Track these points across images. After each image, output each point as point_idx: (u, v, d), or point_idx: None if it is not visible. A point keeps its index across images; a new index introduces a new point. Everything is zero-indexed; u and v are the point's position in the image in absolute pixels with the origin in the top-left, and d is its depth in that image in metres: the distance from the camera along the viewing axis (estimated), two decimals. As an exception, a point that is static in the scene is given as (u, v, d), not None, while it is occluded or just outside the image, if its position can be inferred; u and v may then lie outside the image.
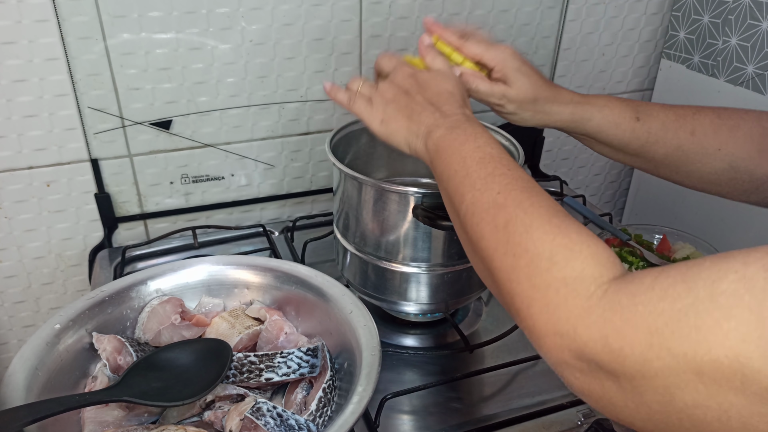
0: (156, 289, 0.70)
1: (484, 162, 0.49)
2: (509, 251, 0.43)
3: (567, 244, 0.41)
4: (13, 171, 0.86)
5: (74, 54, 0.81)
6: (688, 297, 0.31)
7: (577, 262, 0.39)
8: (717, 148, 0.63)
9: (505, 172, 0.48)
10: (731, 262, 0.31)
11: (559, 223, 0.42)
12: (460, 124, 0.54)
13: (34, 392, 0.55)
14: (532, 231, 0.42)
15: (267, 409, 0.55)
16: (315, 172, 1.03)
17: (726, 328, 0.29)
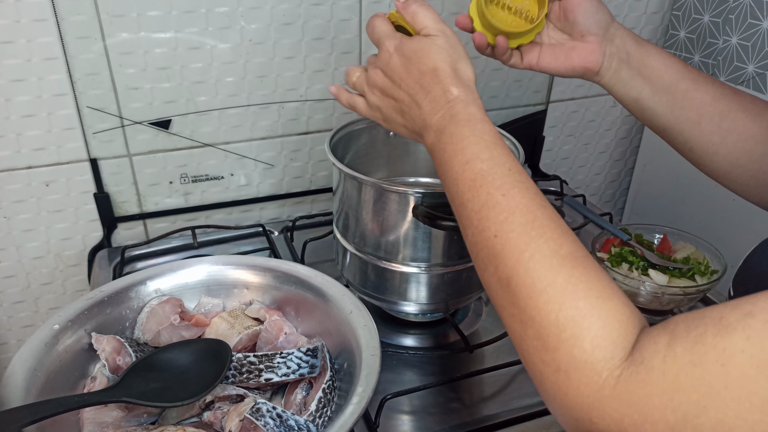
0: (155, 290, 0.70)
1: (476, 186, 0.45)
2: (516, 315, 0.41)
3: (575, 318, 0.37)
4: (12, 171, 0.85)
5: (73, 53, 0.81)
6: (702, 386, 0.30)
7: (587, 342, 0.36)
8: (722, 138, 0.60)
9: (499, 200, 0.43)
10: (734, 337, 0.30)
11: (565, 283, 0.39)
12: (446, 126, 0.49)
13: (33, 393, 0.55)
14: (536, 296, 0.39)
15: (266, 409, 0.55)
16: (314, 172, 1.03)
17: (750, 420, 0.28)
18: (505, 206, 0.43)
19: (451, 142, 0.48)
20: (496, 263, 0.42)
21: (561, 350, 0.37)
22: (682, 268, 0.76)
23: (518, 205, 0.43)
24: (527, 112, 1.13)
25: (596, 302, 0.38)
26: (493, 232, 0.43)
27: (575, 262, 0.40)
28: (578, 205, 1.02)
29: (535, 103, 1.13)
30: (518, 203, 0.43)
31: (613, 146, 1.27)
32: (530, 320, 0.39)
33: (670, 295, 0.74)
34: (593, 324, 0.37)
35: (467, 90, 0.51)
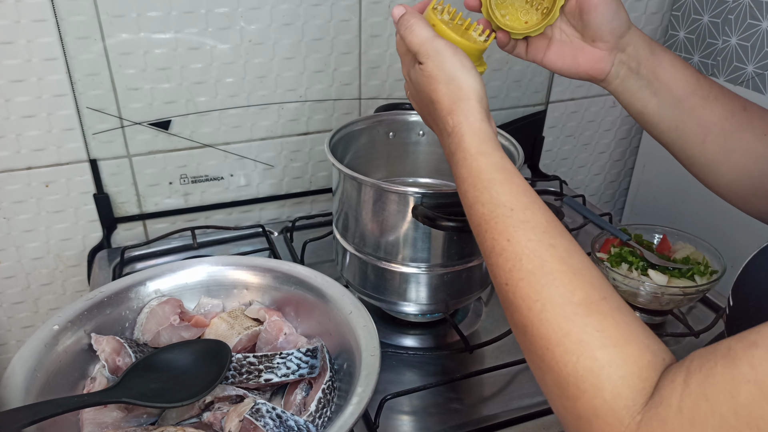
0: (155, 290, 0.70)
1: (481, 232, 0.45)
2: (535, 362, 0.40)
3: (593, 369, 0.37)
4: (12, 171, 0.85)
5: (73, 54, 0.81)
6: (713, 417, 0.31)
7: (607, 392, 0.36)
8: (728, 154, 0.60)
9: (505, 246, 0.42)
10: (740, 367, 0.30)
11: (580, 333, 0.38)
12: (451, 163, 0.49)
13: (33, 393, 0.55)
14: (552, 347, 0.39)
15: (266, 410, 0.55)
16: (314, 172, 1.03)
17: None
18: (511, 253, 0.42)
19: (456, 183, 0.48)
20: (512, 310, 0.42)
21: (582, 399, 0.37)
22: (682, 268, 0.76)
23: (524, 250, 0.42)
24: (527, 112, 1.13)
25: (614, 351, 0.37)
26: (504, 280, 0.42)
27: (589, 309, 0.39)
28: (577, 205, 1.02)
29: (535, 103, 1.13)
30: (524, 248, 0.42)
31: (612, 146, 1.27)
32: (549, 369, 0.39)
33: (670, 295, 0.74)
34: (612, 374, 0.36)
35: (462, 116, 0.48)
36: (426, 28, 0.51)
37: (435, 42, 0.50)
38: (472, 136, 0.47)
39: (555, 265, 0.41)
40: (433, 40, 0.51)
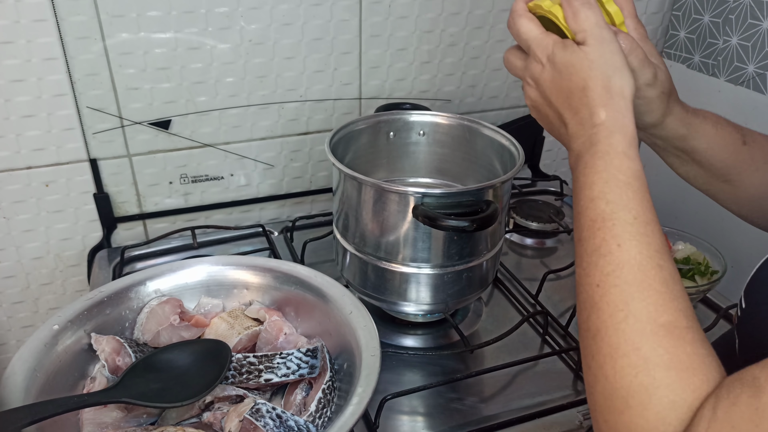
0: (155, 290, 0.69)
1: (594, 229, 0.43)
2: (592, 367, 0.40)
3: (648, 387, 0.36)
4: (12, 171, 0.85)
5: (72, 54, 0.81)
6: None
7: (652, 413, 0.36)
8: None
9: (613, 250, 0.41)
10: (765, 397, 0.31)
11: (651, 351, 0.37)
12: (584, 154, 0.46)
13: (33, 393, 0.55)
14: (617, 357, 0.38)
15: (266, 410, 0.55)
16: (314, 172, 1.03)
17: None
18: (617, 257, 0.41)
19: (584, 173, 0.45)
20: (590, 312, 0.41)
21: (625, 415, 0.37)
22: (682, 269, 0.76)
23: (630, 260, 0.41)
24: (527, 112, 1.13)
25: (676, 375, 0.36)
26: (597, 281, 0.41)
27: (671, 333, 0.38)
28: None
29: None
30: (631, 258, 0.41)
31: (613, 146, 1.26)
32: (604, 378, 0.38)
33: None
34: (664, 398, 0.36)
35: (617, 112, 0.46)
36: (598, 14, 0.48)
37: (604, 30, 0.48)
38: (624, 135, 0.45)
39: (654, 285, 0.40)
40: (603, 27, 0.48)
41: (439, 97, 1.05)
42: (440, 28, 0.98)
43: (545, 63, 0.49)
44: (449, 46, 1.00)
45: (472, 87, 1.06)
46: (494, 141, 0.77)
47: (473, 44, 1.02)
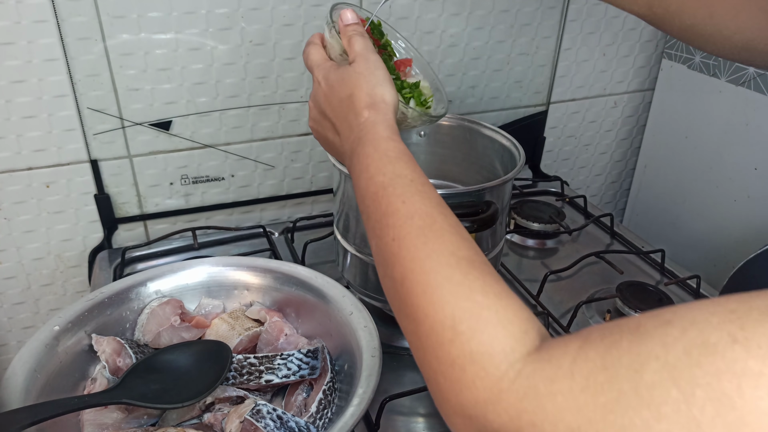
0: (155, 291, 0.70)
1: (377, 198, 0.45)
2: (410, 314, 0.39)
3: (472, 310, 0.36)
4: (13, 172, 0.85)
5: (73, 54, 0.81)
6: (611, 390, 0.28)
7: (485, 334, 0.34)
8: (734, 32, 0.61)
9: (399, 207, 0.43)
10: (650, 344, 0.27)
11: (461, 278, 0.37)
12: (355, 149, 0.50)
13: (33, 394, 0.55)
14: (431, 292, 0.37)
15: (267, 411, 0.55)
16: (315, 173, 1.03)
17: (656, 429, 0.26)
18: (404, 212, 0.43)
19: (358, 163, 0.49)
20: (393, 264, 0.41)
21: (456, 342, 0.35)
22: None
23: (417, 210, 0.42)
24: (528, 113, 1.13)
25: (494, 299, 0.36)
26: (392, 236, 0.42)
27: (473, 265, 0.39)
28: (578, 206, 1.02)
29: (536, 104, 1.13)
30: (417, 209, 0.43)
31: (613, 147, 1.26)
32: (425, 316, 0.37)
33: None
34: (491, 317, 0.35)
35: (378, 112, 0.51)
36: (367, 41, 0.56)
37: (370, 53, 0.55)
38: (386, 125, 0.50)
39: (445, 226, 0.41)
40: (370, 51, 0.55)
41: (440, 97, 1.05)
42: (440, 29, 0.98)
43: (321, 81, 0.56)
44: (450, 47, 1.00)
45: (473, 88, 1.06)
46: (495, 141, 0.77)
47: (474, 45, 1.02)
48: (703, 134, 1.08)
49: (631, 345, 0.28)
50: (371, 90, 0.52)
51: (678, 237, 1.16)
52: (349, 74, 0.54)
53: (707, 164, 1.08)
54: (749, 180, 1.01)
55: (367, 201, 0.46)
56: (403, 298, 0.40)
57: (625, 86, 1.19)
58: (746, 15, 0.60)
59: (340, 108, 0.54)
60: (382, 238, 0.43)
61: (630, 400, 0.27)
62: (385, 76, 0.54)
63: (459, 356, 0.35)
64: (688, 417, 0.25)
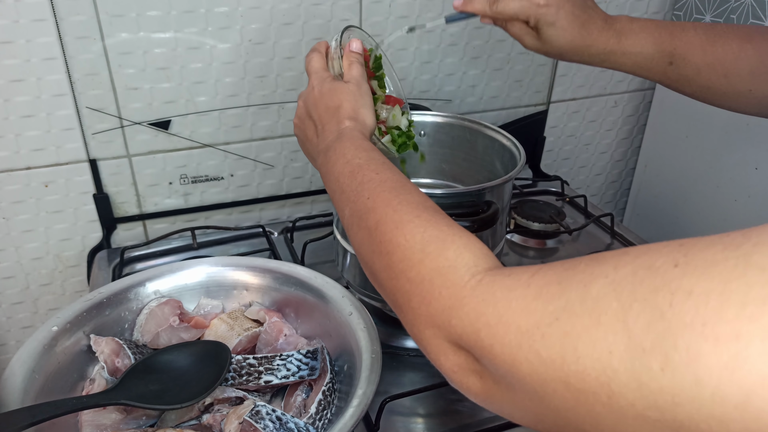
0: (154, 291, 0.69)
1: (354, 174, 0.50)
2: (383, 250, 0.43)
3: (438, 235, 0.41)
4: (11, 171, 0.85)
5: (72, 53, 0.81)
6: (560, 299, 0.30)
7: (450, 251, 0.39)
8: (749, 89, 0.62)
9: (373, 177, 0.49)
10: (604, 265, 0.30)
11: (429, 217, 0.43)
12: (332, 144, 0.56)
13: (31, 395, 0.55)
14: (402, 226, 0.43)
15: (266, 412, 0.54)
16: (314, 173, 1.03)
17: (594, 336, 0.28)
18: (378, 180, 0.48)
19: (335, 154, 0.54)
20: (368, 216, 0.46)
21: (426, 261, 0.40)
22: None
23: (390, 178, 0.48)
24: (528, 112, 1.13)
25: (459, 230, 0.41)
26: (366, 195, 0.47)
27: (439, 212, 0.44)
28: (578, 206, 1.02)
29: (536, 103, 1.13)
30: (389, 177, 0.48)
31: (614, 146, 1.26)
32: (396, 246, 0.42)
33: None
34: (457, 240, 0.40)
35: (358, 124, 0.58)
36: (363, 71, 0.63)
37: (363, 82, 0.62)
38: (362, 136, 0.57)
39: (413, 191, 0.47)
40: (363, 79, 0.63)
41: (440, 97, 1.05)
42: (440, 28, 0.98)
43: (315, 87, 0.62)
44: (450, 46, 1.00)
45: (473, 87, 1.06)
46: (495, 141, 0.77)
47: (474, 44, 1.02)
48: (703, 134, 1.08)
49: (587, 266, 0.31)
50: (357, 108, 0.59)
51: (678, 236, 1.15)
52: (342, 89, 0.60)
53: (708, 164, 1.08)
54: (750, 180, 1.01)
55: (342, 179, 0.51)
56: (376, 240, 0.44)
57: (625, 85, 1.19)
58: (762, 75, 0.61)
59: (326, 114, 0.60)
60: (357, 201, 0.48)
61: (575, 308, 0.29)
62: (371, 103, 0.61)
63: (428, 272, 0.39)
64: (622, 326, 0.27)
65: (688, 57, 0.64)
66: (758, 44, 0.61)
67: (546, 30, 0.65)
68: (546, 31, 0.66)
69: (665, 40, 0.65)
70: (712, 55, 0.63)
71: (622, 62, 0.67)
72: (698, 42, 0.64)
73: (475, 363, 0.36)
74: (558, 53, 0.67)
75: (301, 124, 0.64)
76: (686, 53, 0.64)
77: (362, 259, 0.48)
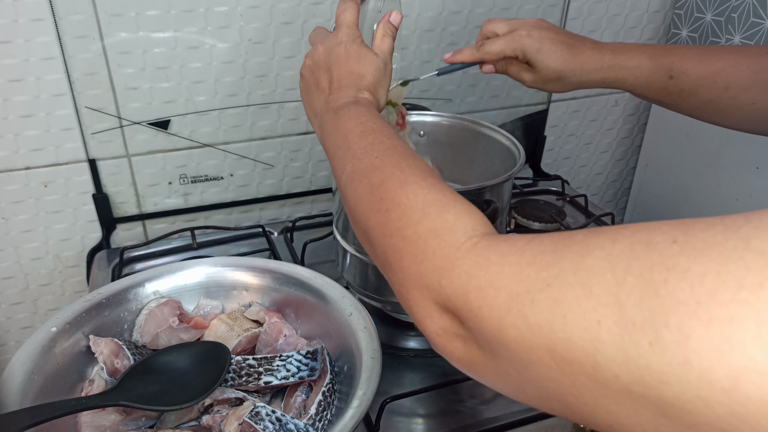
0: (154, 291, 0.69)
1: (365, 134, 0.50)
2: (383, 207, 0.43)
3: (441, 199, 0.40)
4: (10, 171, 0.85)
5: (71, 53, 0.81)
6: (554, 267, 0.30)
7: (450, 215, 0.39)
8: (751, 103, 0.62)
9: (384, 140, 0.48)
10: (601, 238, 0.29)
11: (435, 182, 0.42)
12: (346, 107, 0.54)
13: (30, 396, 0.54)
14: (407, 186, 0.42)
15: (266, 413, 0.54)
16: (314, 172, 1.03)
17: (585, 306, 0.27)
18: (389, 144, 0.48)
19: (347, 114, 0.53)
20: (373, 173, 0.45)
21: (424, 221, 0.39)
22: None
23: (400, 146, 0.48)
24: (528, 111, 1.13)
25: (461, 198, 0.41)
26: (375, 155, 0.47)
27: (444, 183, 0.44)
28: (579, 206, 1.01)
29: (537, 102, 1.13)
30: (400, 145, 0.48)
31: (614, 146, 1.26)
32: (397, 206, 0.41)
33: None
34: (458, 205, 0.40)
35: (374, 100, 0.57)
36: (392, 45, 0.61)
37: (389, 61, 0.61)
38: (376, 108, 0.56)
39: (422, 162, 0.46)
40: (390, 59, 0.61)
41: (440, 96, 1.04)
42: (441, 27, 0.98)
43: (344, 43, 0.59)
44: (450, 45, 1.00)
45: (473, 86, 1.06)
46: (495, 141, 0.77)
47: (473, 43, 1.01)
48: (704, 133, 1.08)
49: (584, 237, 0.30)
50: (378, 86, 0.58)
51: (679, 236, 1.16)
52: (370, 60, 0.58)
53: (708, 163, 1.08)
54: (751, 179, 1.00)
55: (351, 136, 0.50)
56: (377, 196, 0.44)
57: (626, 85, 1.18)
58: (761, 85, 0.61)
59: (348, 77, 0.57)
60: (363, 159, 0.47)
61: (568, 277, 0.29)
62: (388, 86, 0.60)
63: (424, 232, 0.39)
64: (615, 299, 0.26)
65: (686, 69, 0.64)
66: (754, 56, 0.62)
67: (535, 57, 0.67)
68: (536, 58, 0.67)
69: (661, 54, 0.66)
70: (709, 67, 0.63)
71: (622, 77, 0.67)
72: (693, 55, 0.65)
73: (460, 327, 0.36)
74: (556, 77, 0.68)
75: (316, 72, 0.60)
76: (684, 66, 0.64)
77: (356, 216, 0.47)
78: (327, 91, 0.58)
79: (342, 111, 0.54)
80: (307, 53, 0.61)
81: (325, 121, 0.56)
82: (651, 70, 0.66)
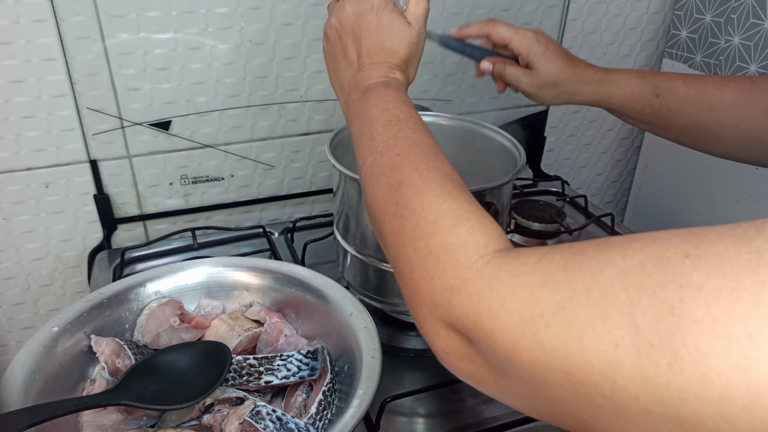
0: (155, 291, 0.69)
1: (390, 124, 0.48)
2: (398, 213, 0.42)
3: (455, 210, 0.40)
4: (11, 172, 0.85)
5: (72, 54, 0.81)
6: (567, 288, 0.29)
7: (463, 230, 0.38)
8: (735, 124, 0.63)
9: (409, 135, 0.47)
10: (611, 254, 0.29)
11: (452, 189, 0.42)
12: (375, 88, 0.52)
13: (32, 396, 0.55)
14: (423, 193, 0.41)
15: (266, 412, 0.54)
16: (315, 173, 1.03)
17: (600, 329, 0.27)
18: (413, 139, 0.46)
19: (376, 97, 0.51)
20: (392, 172, 0.44)
21: (436, 235, 0.38)
22: None
23: (424, 142, 0.46)
24: (528, 112, 1.13)
25: (477, 209, 0.40)
26: (396, 152, 0.46)
27: (464, 188, 0.43)
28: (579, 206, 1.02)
29: (537, 103, 1.13)
30: (425, 141, 0.47)
31: (614, 146, 1.26)
32: (411, 214, 0.41)
33: None
34: (472, 219, 0.39)
35: (405, 79, 0.55)
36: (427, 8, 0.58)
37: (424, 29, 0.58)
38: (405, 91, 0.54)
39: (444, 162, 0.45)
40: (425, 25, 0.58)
41: (440, 97, 1.04)
42: (440, 28, 0.98)
43: (375, 8, 0.55)
44: (450, 46, 1.00)
45: (473, 87, 1.06)
46: (495, 142, 0.77)
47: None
48: (704, 134, 1.08)
49: (595, 253, 0.30)
50: (410, 62, 0.56)
51: (679, 237, 1.16)
52: (404, 32, 0.56)
53: (708, 163, 1.08)
54: (750, 179, 1.01)
55: (376, 125, 0.49)
56: (393, 200, 0.43)
57: (625, 85, 1.19)
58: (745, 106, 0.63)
59: (379, 53, 0.55)
60: (384, 153, 0.46)
61: (581, 299, 0.28)
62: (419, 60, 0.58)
63: (436, 247, 0.38)
64: (630, 320, 0.26)
65: (672, 88, 0.67)
66: (737, 81, 0.64)
67: (538, 59, 0.69)
68: (538, 60, 0.69)
69: (650, 74, 0.69)
70: (694, 88, 0.66)
71: (612, 92, 0.69)
72: (680, 77, 0.67)
73: (468, 347, 0.36)
74: (553, 82, 0.70)
75: (344, 38, 0.57)
76: (670, 85, 0.67)
77: (373, 214, 0.46)
78: (356, 64, 0.55)
79: (370, 93, 0.52)
80: (331, 4, 0.58)
81: (352, 101, 0.54)
82: (639, 86, 0.68)
